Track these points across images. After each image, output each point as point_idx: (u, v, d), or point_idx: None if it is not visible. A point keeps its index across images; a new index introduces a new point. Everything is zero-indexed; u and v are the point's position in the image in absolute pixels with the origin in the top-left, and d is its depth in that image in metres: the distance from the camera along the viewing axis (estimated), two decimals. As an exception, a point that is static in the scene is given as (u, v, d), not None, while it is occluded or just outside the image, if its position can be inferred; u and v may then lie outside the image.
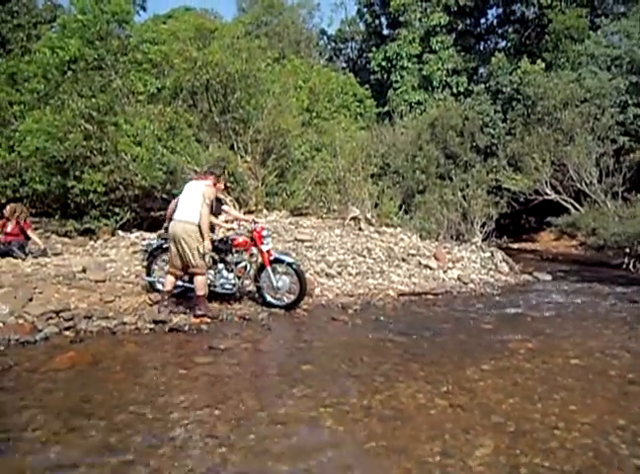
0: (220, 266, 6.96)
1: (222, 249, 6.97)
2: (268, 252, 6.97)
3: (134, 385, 4.45)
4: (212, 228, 7.02)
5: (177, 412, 3.92)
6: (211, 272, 6.91)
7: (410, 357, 5.30)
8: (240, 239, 6.99)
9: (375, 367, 4.95)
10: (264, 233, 6.99)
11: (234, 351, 5.40)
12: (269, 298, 7.05)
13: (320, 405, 4.06)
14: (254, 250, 7.05)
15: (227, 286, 6.93)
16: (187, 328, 6.05)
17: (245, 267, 7.03)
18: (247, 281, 7.27)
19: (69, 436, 3.53)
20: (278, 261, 7.03)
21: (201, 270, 6.38)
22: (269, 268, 6.95)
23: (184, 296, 6.87)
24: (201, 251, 6.33)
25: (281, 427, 3.72)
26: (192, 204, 6.34)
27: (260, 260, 7.04)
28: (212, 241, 6.91)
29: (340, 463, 3.30)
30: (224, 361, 5.08)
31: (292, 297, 7.05)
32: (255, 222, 7.27)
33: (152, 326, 6.05)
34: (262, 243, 6.91)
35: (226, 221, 7.48)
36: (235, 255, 6.97)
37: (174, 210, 6.54)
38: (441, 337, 6.15)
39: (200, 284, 6.39)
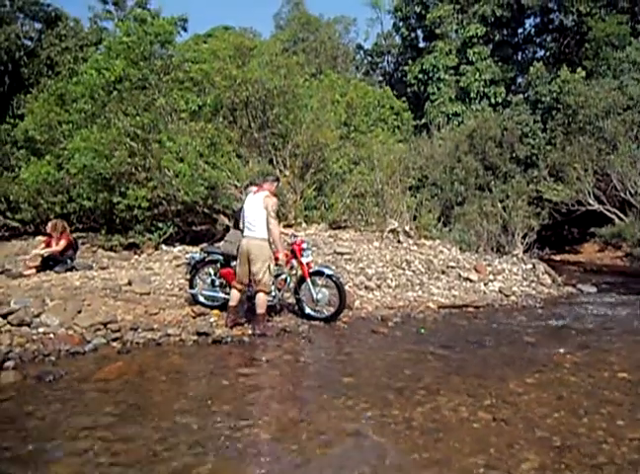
0: None
1: None
2: (308, 264, 7.03)
3: (180, 395, 4.57)
4: None
5: (221, 422, 4.00)
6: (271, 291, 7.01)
7: (451, 370, 5.27)
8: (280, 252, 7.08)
9: (417, 380, 4.94)
10: (304, 246, 7.06)
11: (276, 362, 5.48)
12: (308, 310, 7.10)
13: (362, 417, 4.09)
14: (294, 262, 7.13)
15: (268, 299, 7.02)
16: (229, 340, 6.16)
17: (285, 279, 7.11)
18: (287, 294, 7.34)
19: (118, 445, 3.66)
20: (317, 273, 7.09)
21: (267, 288, 6.47)
22: (308, 280, 7.00)
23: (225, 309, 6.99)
24: (272, 269, 6.44)
25: (324, 437, 3.76)
26: (258, 219, 6.36)
27: (300, 272, 7.11)
28: None
29: (383, 475, 3.32)
30: (266, 373, 5.17)
31: (332, 310, 7.08)
32: (294, 236, 7.35)
33: (196, 338, 6.20)
34: (302, 255, 6.99)
35: None
36: (275, 267, 7.07)
37: (243, 227, 6.56)
38: (483, 350, 6.09)
39: (262, 303, 6.46)
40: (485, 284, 9.65)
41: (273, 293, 6.99)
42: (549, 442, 3.69)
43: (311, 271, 7.04)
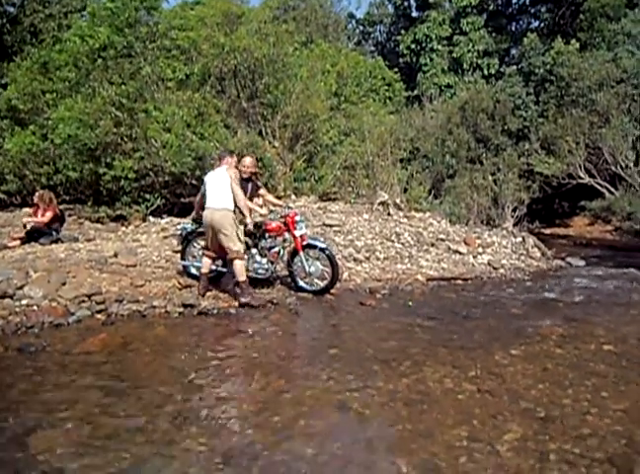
0: (254, 251, 6.99)
1: (256, 234, 7.00)
2: (301, 237, 6.95)
3: (163, 367, 4.53)
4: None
5: (205, 393, 3.98)
6: (245, 256, 6.95)
7: (438, 342, 5.25)
8: (273, 224, 6.99)
9: (402, 352, 4.92)
10: (297, 218, 6.96)
11: (262, 334, 5.44)
12: (301, 283, 7.06)
13: (347, 388, 4.07)
14: (287, 235, 7.05)
15: (260, 271, 6.96)
16: (215, 311, 6.13)
17: (278, 252, 7.03)
18: (279, 267, 7.28)
19: (100, 417, 3.61)
20: (310, 246, 7.01)
21: (240, 254, 6.40)
22: (301, 253, 6.93)
23: (217, 281, 6.93)
24: (241, 236, 6.37)
25: (308, 409, 3.74)
26: (222, 191, 6.36)
27: (293, 245, 7.04)
28: (246, 226, 6.95)
29: (365, 446, 3.30)
30: (252, 345, 5.12)
31: (325, 282, 7.04)
32: (289, 208, 7.23)
33: (181, 310, 6.14)
34: (295, 228, 6.90)
35: (260, 206, 7.47)
36: (268, 240, 6.99)
37: (204, 201, 6.56)
38: (470, 322, 6.08)
39: (240, 269, 6.38)
40: (474, 257, 9.64)
41: (265, 266, 6.96)
42: (533, 414, 3.69)
43: (304, 243, 6.97)
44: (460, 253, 9.61)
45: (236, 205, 6.44)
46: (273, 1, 23.04)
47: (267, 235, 7.01)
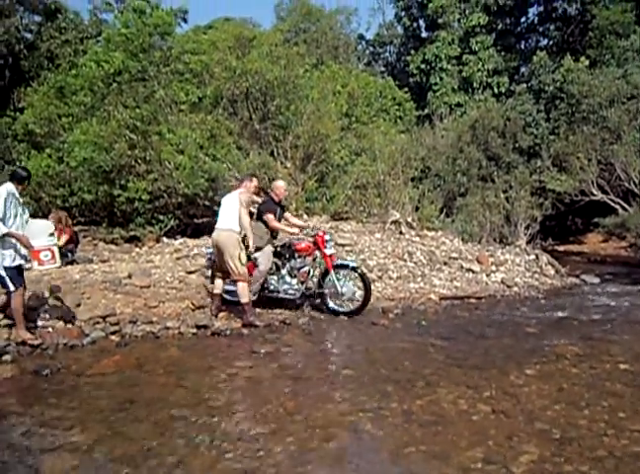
0: (283, 271, 6.97)
1: (285, 254, 6.99)
2: (331, 256, 6.91)
3: (177, 388, 4.54)
4: (276, 234, 7.03)
5: (218, 415, 3.97)
6: (274, 277, 6.94)
7: (452, 362, 5.22)
8: (303, 244, 6.97)
9: (416, 372, 4.90)
10: (327, 237, 6.94)
11: (275, 355, 5.45)
12: (332, 305, 6.98)
13: (360, 409, 4.05)
14: (317, 254, 7.01)
15: (290, 292, 6.93)
16: (228, 332, 6.15)
17: (308, 271, 7.00)
18: (309, 286, 7.20)
19: (113, 439, 3.63)
20: (341, 266, 6.97)
21: (242, 277, 6.42)
22: (332, 272, 6.87)
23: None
24: (242, 258, 6.39)
25: (321, 431, 3.72)
26: (230, 212, 6.47)
27: (323, 265, 6.98)
28: (275, 246, 6.93)
29: (379, 468, 3.28)
30: (265, 365, 5.13)
31: (357, 304, 6.95)
32: (317, 228, 7.21)
33: (195, 330, 6.18)
34: (325, 247, 6.85)
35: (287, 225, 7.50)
36: (298, 260, 6.96)
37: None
38: (484, 341, 6.04)
39: (243, 291, 6.41)
40: (487, 275, 9.59)
41: (295, 286, 6.93)
42: (549, 435, 3.64)
43: (334, 263, 6.92)
44: (473, 271, 9.57)
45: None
46: (283, 24, 23.44)
47: (296, 255, 6.96)
